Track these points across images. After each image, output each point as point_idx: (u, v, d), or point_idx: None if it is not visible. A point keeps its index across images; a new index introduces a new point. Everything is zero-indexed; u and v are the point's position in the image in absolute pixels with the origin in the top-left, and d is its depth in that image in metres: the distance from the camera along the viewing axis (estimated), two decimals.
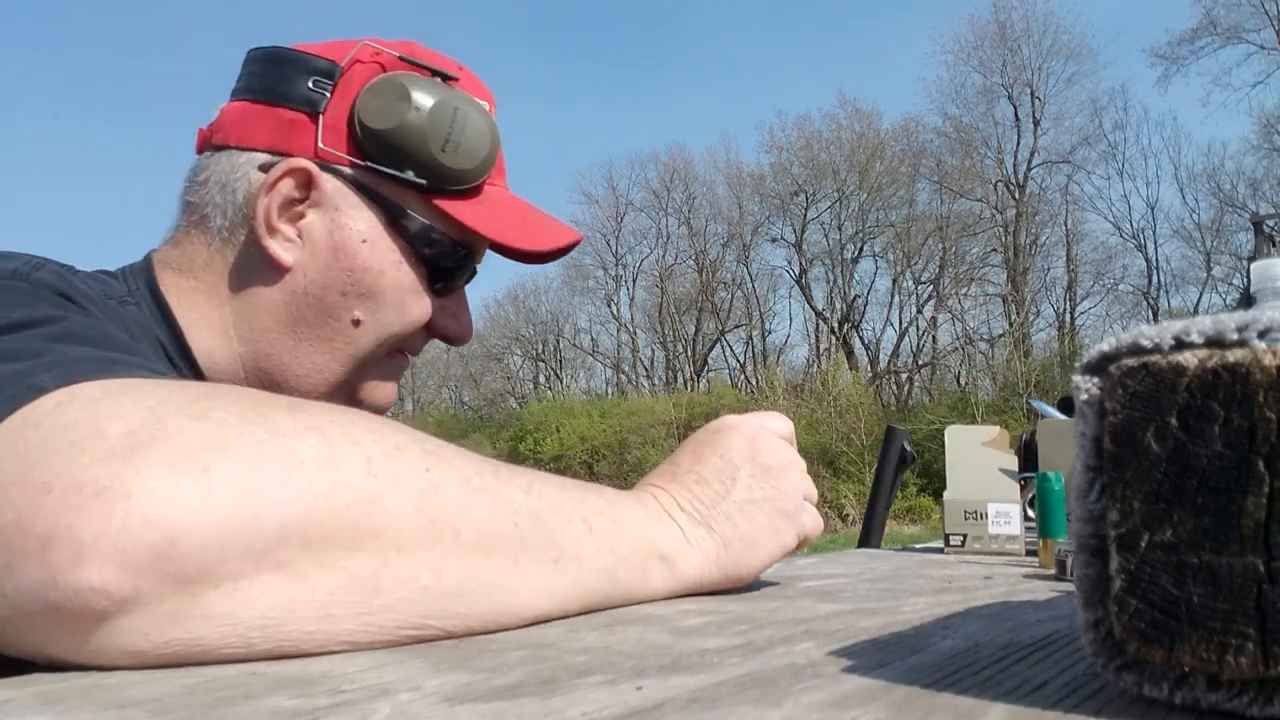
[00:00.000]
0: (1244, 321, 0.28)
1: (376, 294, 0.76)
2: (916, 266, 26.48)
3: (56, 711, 0.33)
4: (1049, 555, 0.86)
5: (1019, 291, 24.40)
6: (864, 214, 26.91)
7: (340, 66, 0.76)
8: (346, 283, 0.75)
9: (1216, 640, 0.28)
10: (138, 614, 0.39)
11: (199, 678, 0.38)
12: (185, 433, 0.41)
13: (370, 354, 0.77)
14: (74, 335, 0.55)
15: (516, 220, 0.80)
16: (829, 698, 0.33)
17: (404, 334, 0.79)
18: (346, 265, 0.75)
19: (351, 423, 0.46)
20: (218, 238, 0.76)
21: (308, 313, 0.75)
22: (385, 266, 0.76)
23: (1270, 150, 22.84)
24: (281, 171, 0.74)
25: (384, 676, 0.38)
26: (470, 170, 0.77)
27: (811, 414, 18.37)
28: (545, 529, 0.51)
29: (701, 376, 29.40)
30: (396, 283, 0.77)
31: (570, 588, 0.52)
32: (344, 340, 0.76)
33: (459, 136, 0.75)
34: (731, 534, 0.62)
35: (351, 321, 0.76)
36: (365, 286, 0.75)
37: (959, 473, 1.06)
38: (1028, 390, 17.52)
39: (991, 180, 26.06)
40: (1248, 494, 0.28)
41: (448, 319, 0.82)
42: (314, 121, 0.75)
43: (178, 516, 0.39)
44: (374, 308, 0.76)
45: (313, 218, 0.75)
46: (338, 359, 0.76)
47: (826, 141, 27.93)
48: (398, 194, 0.76)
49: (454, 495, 0.47)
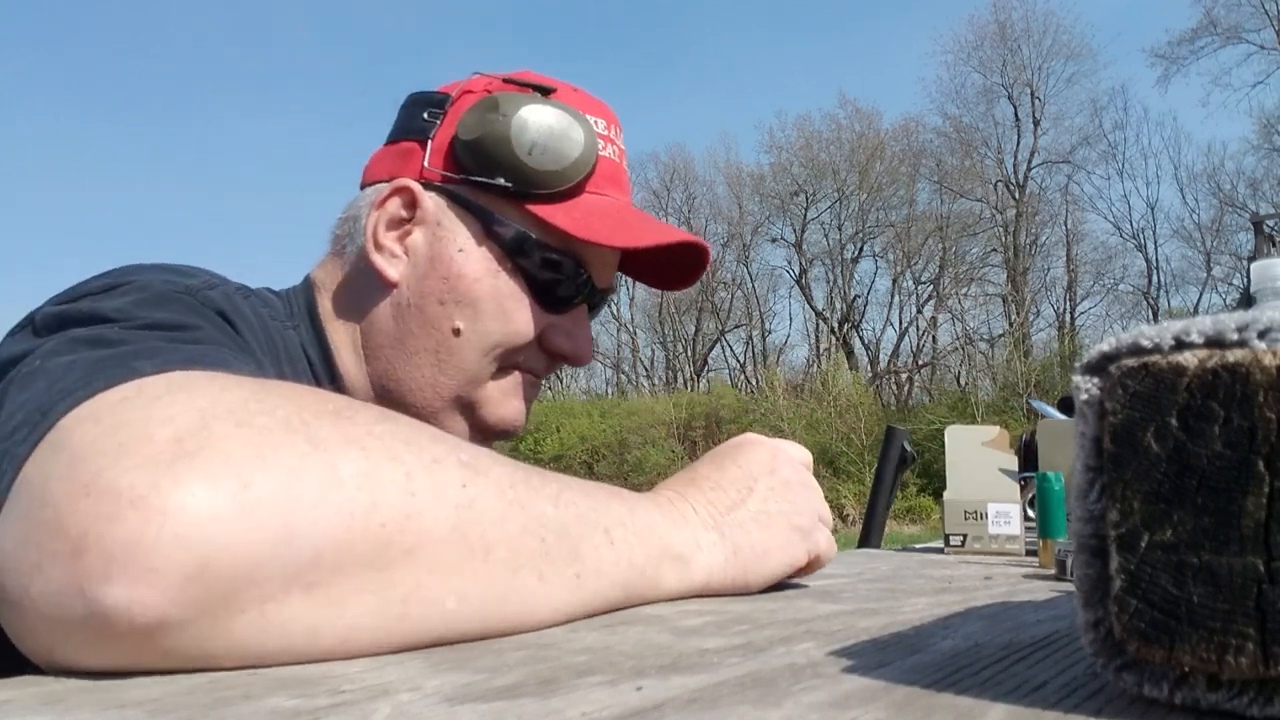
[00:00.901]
0: (1244, 321, 0.28)
1: (474, 301, 0.77)
2: (916, 266, 26.48)
3: (56, 711, 0.33)
4: (1049, 555, 0.86)
5: (1019, 291, 24.40)
6: (864, 214, 26.90)
7: (451, 96, 0.81)
8: (444, 290, 0.77)
9: (1216, 640, 0.28)
10: (160, 635, 0.38)
11: (199, 678, 0.38)
12: (229, 440, 0.41)
13: (477, 365, 0.78)
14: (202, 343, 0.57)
15: (612, 221, 0.80)
16: (829, 698, 0.33)
17: (510, 346, 0.79)
18: (443, 274, 0.78)
19: (392, 434, 0.46)
20: (347, 264, 0.81)
21: (412, 324, 0.78)
22: (481, 274, 0.78)
23: (1270, 150, 22.84)
24: (388, 191, 0.79)
25: (384, 676, 0.38)
26: (558, 173, 0.78)
27: (811, 414, 18.36)
28: (570, 543, 0.51)
29: (701, 376, 29.40)
30: (495, 290, 0.78)
31: (587, 602, 0.52)
32: (447, 351, 0.78)
33: (548, 141, 0.77)
34: (742, 541, 0.63)
35: (452, 330, 0.78)
36: (461, 294, 0.77)
37: (959, 473, 1.06)
38: (1028, 390, 17.52)
39: (991, 180, 26.06)
40: (1248, 494, 0.28)
41: (560, 336, 0.82)
42: (423, 147, 0.80)
43: (212, 536, 0.38)
44: (473, 315, 0.77)
45: (417, 235, 0.79)
46: (445, 371, 0.78)
47: (826, 141, 27.93)
48: (491, 203, 0.79)
49: (488, 510, 0.46)
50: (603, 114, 0.84)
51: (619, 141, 0.85)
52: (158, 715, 0.32)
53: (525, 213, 0.78)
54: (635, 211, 0.84)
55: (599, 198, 0.81)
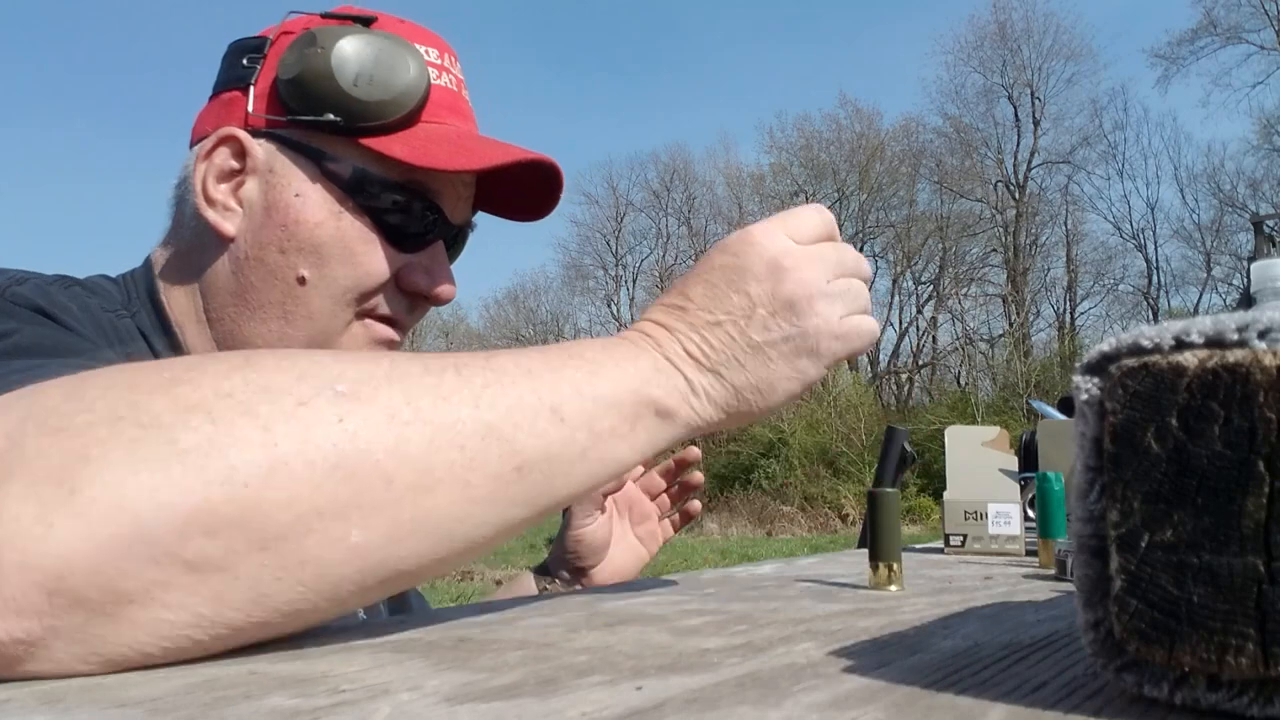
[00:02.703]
0: (1244, 322, 0.28)
1: (317, 246, 0.73)
2: (916, 267, 26.49)
3: (56, 711, 0.33)
4: (1049, 555, 0.86)
5: (1019, 291, 24.40)
6: (864, 214, 26.91)
7: (270, 39, 0.77)
8: (283, 238, 0.73)
9: (1216, 640, 0.28)
10: (62, 644, 0.37)
11: (199, 677, 0.38)
12: (44, 454, 0.38)
13: (329, 314, 0.74)
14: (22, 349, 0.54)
15: (452, 146, 0.75)
16: (829, 698, 0.33)
17: (363, 289, 0.75)
18: (280, 221, 0.73)
19: (245, 386, 0.42)
20: (185, 229, 0.77)
21: (253, 277, 0.73)
22: (322, 217, 0.73)
23: (1270, 150, 22.85)
24: (212, 143, 0.75)
25: (384, 676, 0.38)
26: (388, 102, 0.73)
27: (811, 414, 18.37)
28: (501, 440, 0.46)
29: None
30: (339, 233, 0.73)
31: (539, 491, 0.48)
32: (294, 301, 0.73)
33: (374, 70, 0.72)
34: (743, 381, 0.56)
35: (297, 279, 0.73)
36: (303, 240, 0.73)
37: (959, 473, 1.06)
38: (1028, 390, 17.52)
39: (991, 180, 26.07)
40: (1248, 494, 0.28)
41: (418, 274, 0.77)
42: (246, 94, 0.76)
43: (54, 551, 0.36)
44: (318, 261, 0.73)
45: (250, 184, 0.75)
46: (292, 323, 0.73)
47: (826, 142, 27.95)
48: (324, 142, 0.74)
49: (376, 439, 0.43)
50: (433, 43, 0.80)
51: (455, 70, 0.81)
52: (157, 715, 0.32)
53: (360, 148, 0.74)
54: (479, 136, 0.80)
55: (438, 126, 0.77)
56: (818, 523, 15.57)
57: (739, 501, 16.63)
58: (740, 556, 10.51)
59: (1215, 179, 24.30)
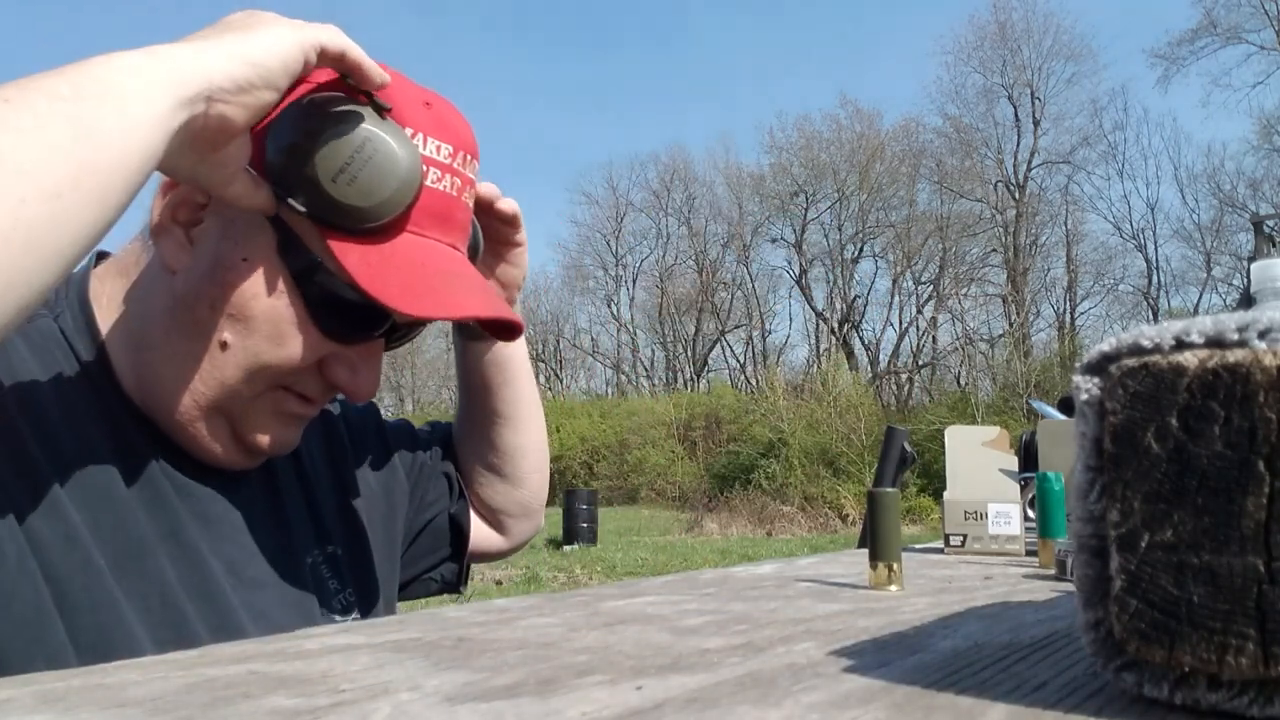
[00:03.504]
0: (1244, 322, 0.28)
1: (247, 318, 0.69)
2: (916, 267, 26.51)
3: (56, 711, 0.33)
4: (1049, 555, 0.86)
5: (1019, 292, 24.42)
6: (864, 214, 26.92)
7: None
8: (217, 295, 0.69)
9: (1216, 640, 0.28)
10: None
11: (199, 677, 0.38)
12: None
13: (242, 383, 0.71)
14: None
15: (412, 280, 0.70)
16: (829, 698, 0.33)
17: (280, 370, 0.71)
18: (221, 279, 0.69)
19: None
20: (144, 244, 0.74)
21: (180, 321, 0.70)
22: (260, 291, 0.70)
23: (1270, 150, 22.86)
24: None
25: (384, 676, 0.38)
26: (364, 209, 0.68)
27: (811, 414, 18.37)
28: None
29: (701, 377, 29.40)
30: (273, 311, 0.70)
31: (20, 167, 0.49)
32: (210, 362, 0.70)
33: (359, 169, 0.67)
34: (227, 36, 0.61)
35: (219, 343, 0.70)
36: (236, 307, 0.69)
37: (959, 473, 1.06)
38: (1028, 390, 17.53)
39: (991, 180, 26.08)
40: (1248, 494, 0.28)
41: (342, 368, 0.73)
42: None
43: None
44: (244, 332, 0.70)
45: (209, 223, 0.71)
46: (205, 382, 0.70)
47: (826, 142, 27.96)
48: (295, 221, 0.70)
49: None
50: (453, 139, 0.74)
51: (466, 171, 0.76)
52: (157, 714, 0.32)
53: (322, 242, 0.69)
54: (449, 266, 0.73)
55: (416, 239, 0.72)
56: (818, 523, 15.57)
57: (739, 501, 16.63)
58: (740, 556, 10.53)
59: (1215, 179, 24.33)
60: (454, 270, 0.73)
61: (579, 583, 8.63)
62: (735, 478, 18.36)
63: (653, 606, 0.57)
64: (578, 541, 11.94)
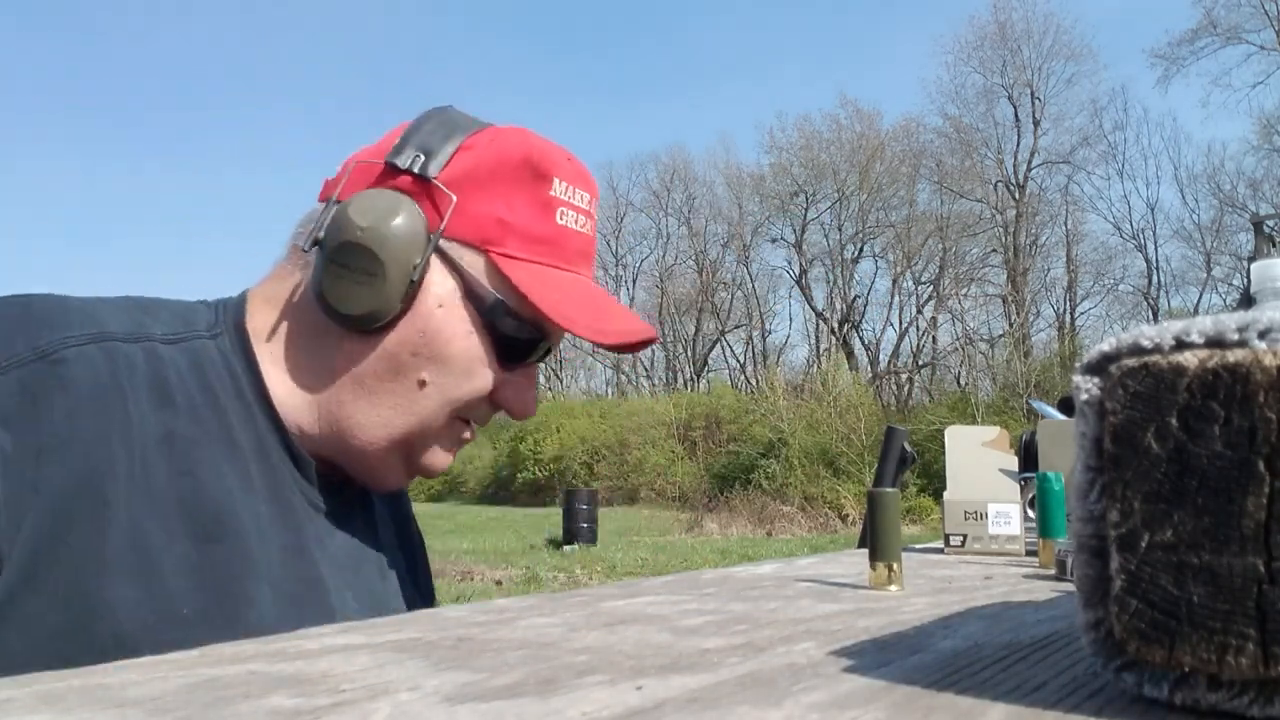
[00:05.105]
0: (1244, 322, 0.28)
1: (445, 359, 0.77)
2: (916, 267, 26.51)
3: (56, 711, 0.33)
4: (1049, 555, 0.86)
5: (1019, 292, 24.42)
6: (864, 214, 26.93)
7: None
8: (419, 344, 0.77)
9: (1216, 640, 0.28)
10: None
11: (199, 677, 0.38)
12: None
13: (434, 416, 0.78)
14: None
15: (586, 309, 0.80)
16: (829, 698, 0.33)
17: (468, 401, 0.79)
18: (420, 327, 0.76)
19: None
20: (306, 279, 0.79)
21: (379, 365, 0.77)
22: (456, 333, 0.77)
23: (1270, 150, 22.87)
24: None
25: (384, 676, 0.38)
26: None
27: (811, 414, 18.37)
28: None
29: (701, 377, 29.40)
30: (466, 351, 0.78)
31: None
32: (409, 399, 0.77)
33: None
34: None
35: (418, 382, 0.77)
36: (435, 350, 0.77)
37: (959, 473, 1.06)
38: (1028, 390, 17.53)
39: (991, 180, 26.09)
40: (1248, 494, 0.28)
41: (511, 392, 0.82)
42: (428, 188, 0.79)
43: None
44: (441, 372, 0.77)
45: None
46: (401, 416, 0.78)
47: (826, 142, 27.97)
48: (475, 267, 0.78)
49: None
50: (590, 189, 0.84)
51: (595, 214, 0.86)
52: (157, 714, 0.32)
53: (503, 278, 0.77)
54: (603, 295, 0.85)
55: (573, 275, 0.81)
56: (818, 523, 15.57)
57: (739, 501, 16.63)
58: (740, 556, 10.52)
59: (1215, 179, 24.35)
60: (608, 299, 0.85)
61: (579, 583, 8.62)
62: (735, 478, 18.36)
63: (653, 606, 0.57)
64: (578, 541, 11.95)
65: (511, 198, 0.78)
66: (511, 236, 0.78)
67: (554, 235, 0.79)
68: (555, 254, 0.80)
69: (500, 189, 0.78)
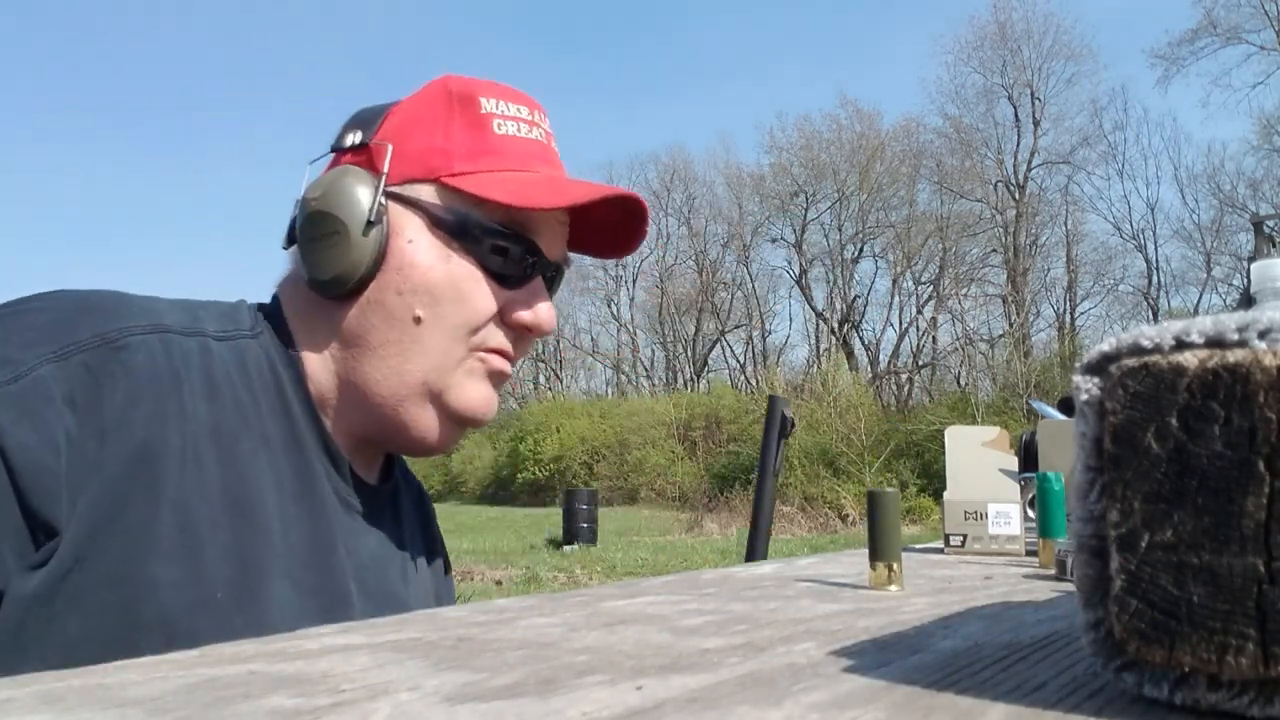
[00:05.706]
0: (1244, 322, 0.28)
1: (430, 288, 0.79)
2: (916, 267, 26.51)
3: (56, 711, 0.33)
4: (1049, 555, 0.86)
5: (1019, 292, 24.42)
6: (864, 214, 26.93)
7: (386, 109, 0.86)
8: (399, 282, 0.79)
9: (1216, 640, 0.28)
10: None
11: (199, 677, 0.38)
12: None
13: (444, 351, 0.80)
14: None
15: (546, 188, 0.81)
16: (829, 698, 0.33)
17: (473, 325, 0.80)
18: (395, 265, 0.79)
19: None
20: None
21: (375, 319, 0.79)
22: (432, 260, 0.79)
23: (1270, 151, 22.87)
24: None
25: (384, 676, 0.38)
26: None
27: (811, 414, 18.37)
28: None
29: (701, 377, 29.41)
30: (448, 274, 0.79)
31: None
32: (411, 339, 0.79)
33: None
34: None
35: (414, 319, 0.79)
36: (416, 282, 0.79)
37: (959, 473, 1.06)
38: (1028, 390, 17.53)
39: (991, 181, 26.08)
40: (1248, 494, 0.28)
41: (520, 308, 0.83)
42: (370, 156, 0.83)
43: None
44: (431, 301, 0.79)
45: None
46: (411, 360, 0.79)
47: (826, 142, 27.97)
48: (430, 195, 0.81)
49: None
50: (525, 102, 0.86)
51: (544, 125, 0.87)
52: (157, 714, 0.32)
53: (462, 195, 0.80)
54: (571, 179, 0.86)
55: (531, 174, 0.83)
56: (818, 523, 15.57)
57: (739, 501, 16.62)
58: (740, 556, 10.51)
59: (1215, 179, 24.35)
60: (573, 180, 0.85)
61: (579, 583, 8.62)
62: (735, 478, 18.36)
63: (653, 606, 0.57)
64: (578, 541, 11.95)
65: (445, 127, 0.82)
66: (455, 158, 0.81)
67: (496, 144, 0.82)
68: (505, 160, 0.82)
69: (431, 124, 0.82)
